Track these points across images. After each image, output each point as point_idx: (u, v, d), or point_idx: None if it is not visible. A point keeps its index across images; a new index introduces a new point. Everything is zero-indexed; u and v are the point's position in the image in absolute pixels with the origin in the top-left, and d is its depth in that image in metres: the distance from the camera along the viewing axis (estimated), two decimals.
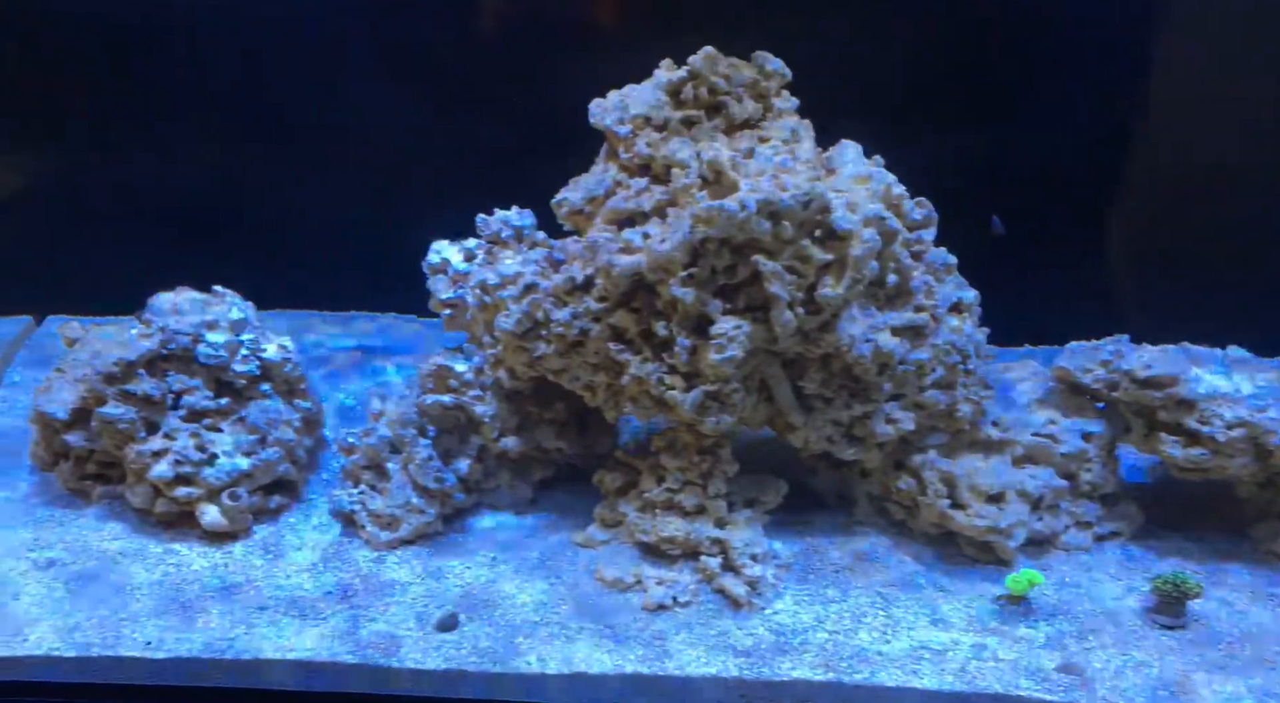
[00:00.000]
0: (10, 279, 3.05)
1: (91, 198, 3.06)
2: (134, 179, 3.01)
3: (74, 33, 2.87)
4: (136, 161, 3.00)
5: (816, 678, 1.95)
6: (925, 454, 2.18)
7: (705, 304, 1.93)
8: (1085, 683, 1.91)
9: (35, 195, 3.09)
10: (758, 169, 1.89)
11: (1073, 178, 2.75)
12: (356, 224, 2.88)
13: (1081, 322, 2.41)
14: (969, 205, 2.61)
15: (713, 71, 1.96)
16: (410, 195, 2.90)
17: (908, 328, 2.07)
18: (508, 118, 2.78)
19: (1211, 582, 2.10)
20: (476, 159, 2.78)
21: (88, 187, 3.05)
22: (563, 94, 2.24)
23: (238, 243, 2.93)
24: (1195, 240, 2.82)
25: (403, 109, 2.86)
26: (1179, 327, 2.38)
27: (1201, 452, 2.04)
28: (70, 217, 3.08)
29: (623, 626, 2.07)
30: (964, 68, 2.62)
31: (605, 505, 2.27)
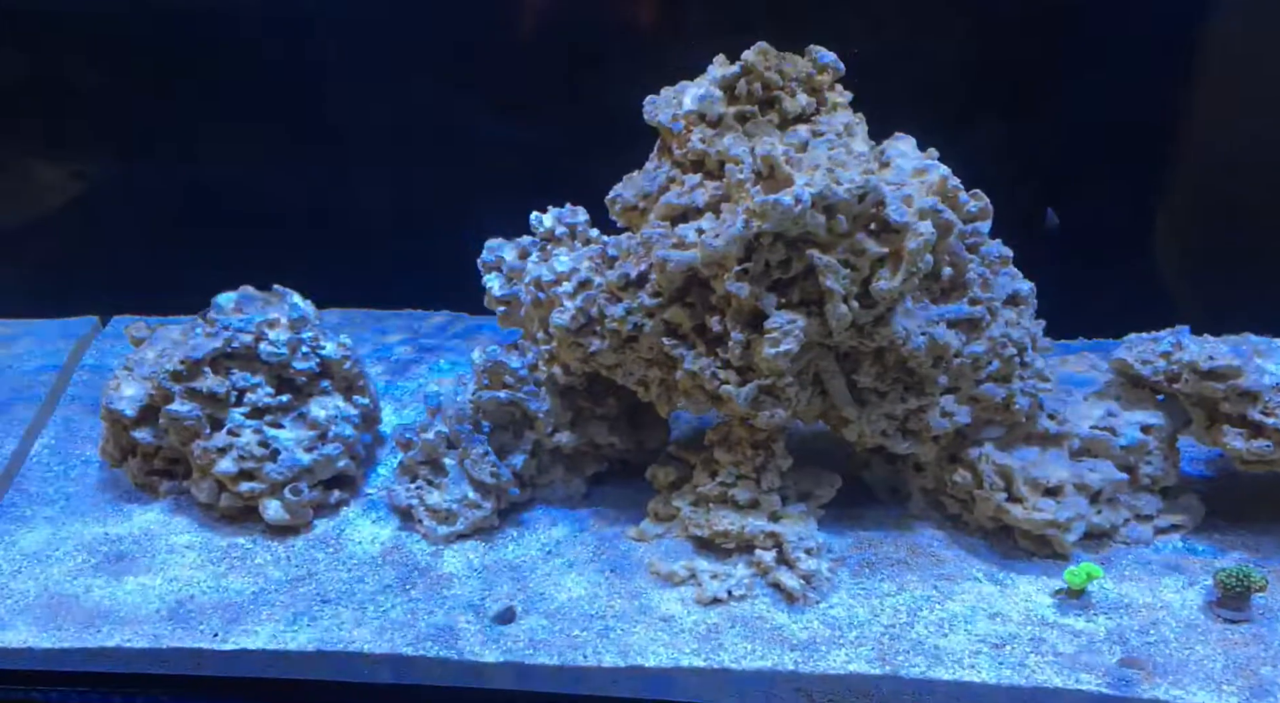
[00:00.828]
0: (76, 281, 3.15)
1: (154, 201, 3.14)
2: (195, 181, 3.09)
3: (134, 39, 2.95)
4: (197, 164, 3.08)
5: (873, 672, 1.96)
6: (981, 447, 2.16)
7: (760, 299, 1.94)
8: (1149, 677, 1.90)
9: (99, 199, 3.17)
10: (811, 163, 1.89)
11: (1129, 169, 2.72)
12: (413, 223, 2.93)
13: (1138, 315, 2.38)
14: (1025, 198, 2.61)
15: (766, 66, 1.97)
16: (465, 194, 2.94)
17: (963, 321, 2.06)
18: (562, 115, 2.81)
19: (1277, 576, 2.07)
20: (531, 157, 2.81)
21: (150, 190, 3.13)
22: (617, 91, 2.26)
23: (297, 242, 2.99)
24: (1252, 231, 2.78)
25: (456, 108, 2.89)
26: (1236, 318, 2.35)
27: (1266, 443, 2.01)
28: (133, 220, 3.17)
29: (677, 619, 2.08)
30: (1019, 60, 2.59)
31: (659, 500, 2.29)
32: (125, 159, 3.10)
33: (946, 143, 2.22)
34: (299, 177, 2.97)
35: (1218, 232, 2.79)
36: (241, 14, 2.83)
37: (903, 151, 1.99)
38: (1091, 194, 2.72)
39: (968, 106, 2.55)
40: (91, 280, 3.12)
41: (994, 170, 2.38)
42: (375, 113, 2.90)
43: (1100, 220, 2.67)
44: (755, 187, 1.88)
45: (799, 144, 1.94)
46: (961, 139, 2.30)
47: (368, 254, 2.95)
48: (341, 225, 2.99)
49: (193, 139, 3.02)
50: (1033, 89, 2.62)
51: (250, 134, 2.99)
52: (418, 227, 2.95)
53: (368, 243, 2.96)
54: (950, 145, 2.22)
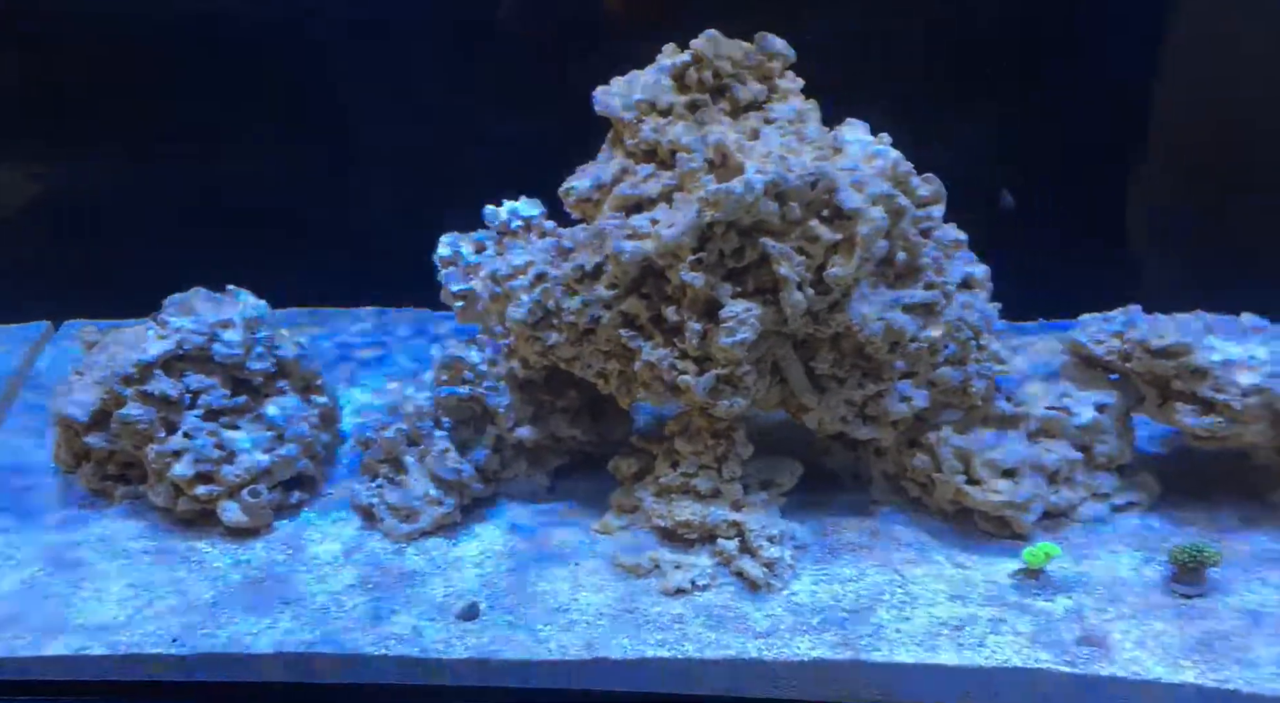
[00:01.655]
0: (28, 285, 3.09)
1: (104, 204, 3.09)
2: (144, 184, 3.04)
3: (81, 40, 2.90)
4: (147, 167, 3.03)
5: (836, 657, 1.97)
6: (940, 431, 2.18)
7: (715, 288, 1.94)
8: (1106, 654, 1.92)
9: (49, 203, 3.12)
10: (763, 151, 1.90)
11: (1084, 153, 2.74)
12: (369, 220, 2.90)
13: (1096, 295, 2.41)
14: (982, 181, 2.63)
15: (716, 54, 1.96)
16: (421, 189, 2.91)
17: (919, 305, 2.07)
18: (518, 108, 2.79)
19: (1231, 549, 2.10)
20: (487, 150, 2.78)
21: (100, 193, 3.08)
22: (572, 83, 2.24)
23: (251, 242, 2.94)
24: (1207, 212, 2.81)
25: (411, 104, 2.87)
26: (1193, 298, 2.38)
27: (1217, 419, 2.04)
28: (86, 223, 3.12)
29: (643, 610, 2.08)
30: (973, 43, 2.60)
31: (622, 492, 2.28)
32: (79, 161, 3.05)
33: (902, 127, 2.23)
34: (251, 176, 2.93)
35: (1172, 212, 2.82)
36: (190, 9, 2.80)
37: (855, 137, 1.99)
38: (1049, 177, 2.74)
39: (923, 90, 2.56)
40: (44, 285, 3.07)
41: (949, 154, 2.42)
42: (326, 110, 2.87)
43: (1057, 202, 2.69)
44: (708, 175, 1.88)
45: (751, 132, 1.94)
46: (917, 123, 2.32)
47: (325, 252, 2.92)
48: (297, 224, 2.96)
49: (146, 140, 2.98)
50: (987, 73, 2.63)
51: (202, 134, 2.95)
52: (376, 223, 2.92)
53: (325, 240, 2.93)
54: (906, 129, 2.23)
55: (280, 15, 2.77)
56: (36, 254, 3.11)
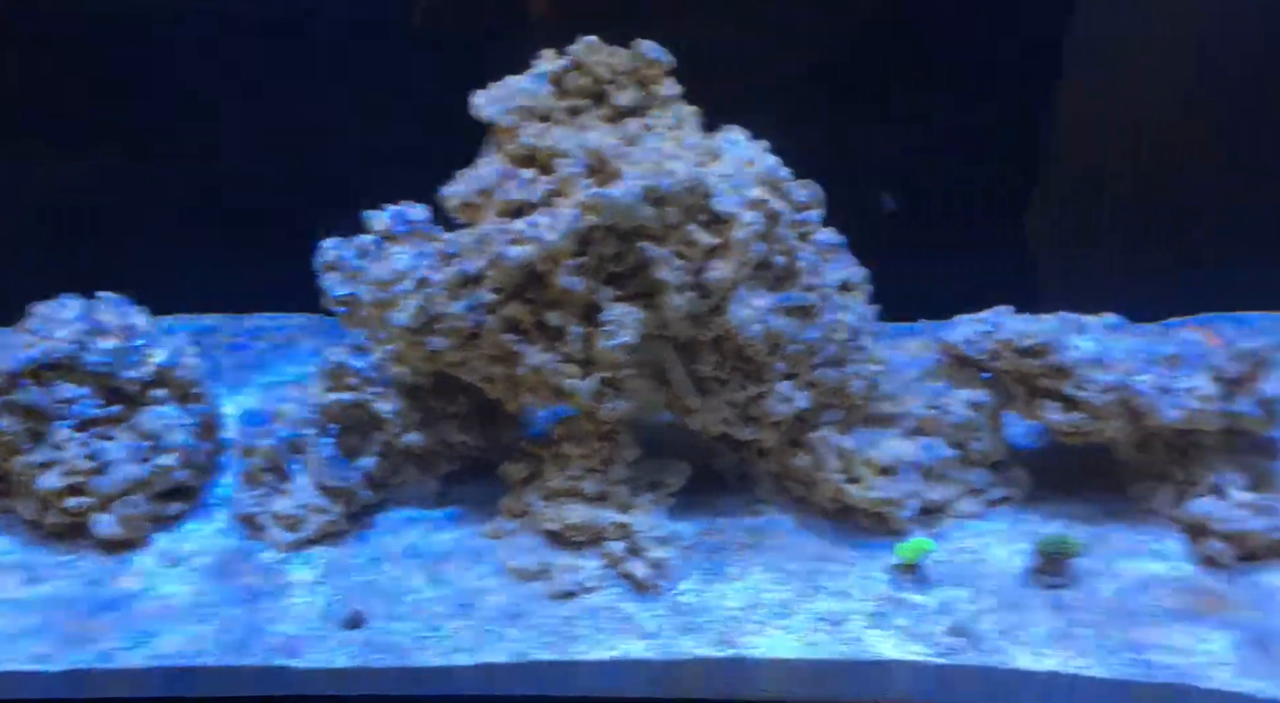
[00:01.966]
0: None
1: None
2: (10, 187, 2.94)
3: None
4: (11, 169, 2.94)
5: (718, 655, 2.01)
6: (821, 431, 2.23)
7: (595, 292, 1.96)
8: (974, 644, 1.99)
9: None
10: (642, 156, 1.92)
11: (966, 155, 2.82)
12: (253, 224, 2.84)
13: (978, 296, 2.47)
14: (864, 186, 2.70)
15: (594, 60, 1.98)
16: (308, 194, 2.86)
17: (798, 308, 2.11)
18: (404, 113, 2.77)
19: (1095, 540, 2.18)
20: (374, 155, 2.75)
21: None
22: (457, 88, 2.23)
23: (129, 248, 2.86)
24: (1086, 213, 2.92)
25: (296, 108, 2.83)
26: (1071, 297, 2.46)
27: (1079, 416, 2.13)
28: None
29: (531, 614, 2.09)
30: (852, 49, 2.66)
31: (511, 496, 2.28)
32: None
33: (782, 133, 2.29)
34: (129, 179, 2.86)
35: (1052, 214, 2.92)
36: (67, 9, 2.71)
37: (734, 142, 2.03)
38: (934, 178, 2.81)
39: (806, 96, 2.61)
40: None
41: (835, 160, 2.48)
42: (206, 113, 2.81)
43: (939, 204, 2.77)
44: (586, 180, 1.90)
45: (629, 137, 1.97)
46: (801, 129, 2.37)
47: (208, 257, 2.84)
48: (178, 229, 2.89)
49: (9, 143, 2.89)
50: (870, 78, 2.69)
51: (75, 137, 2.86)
52: (261, 227, 2.87)
53: (207, 245, 2.86)
54: (793, 133, 2.29)
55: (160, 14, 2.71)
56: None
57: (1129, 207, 2.84)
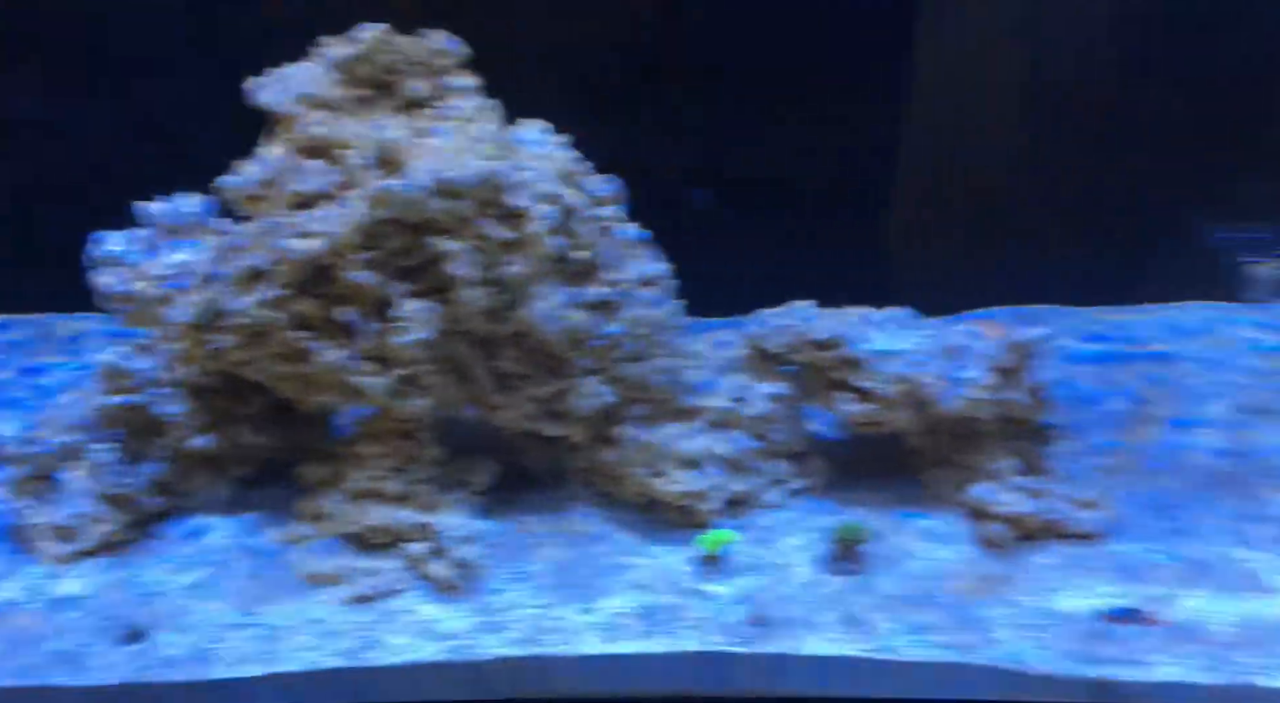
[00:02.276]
0: None
1: None
2: None
3: None
4: None
5: (520, 654, 1.99)
6: (626, 426, 2.25)
7: (387, 287, 1.90)
8: (771, 632, 2.03)
9: None
10: (434, 148, 1.88)
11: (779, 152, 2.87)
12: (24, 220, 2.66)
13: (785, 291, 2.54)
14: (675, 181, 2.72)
15: (383, 49, 1.93)
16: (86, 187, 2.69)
17: (599, 303, 2.11)
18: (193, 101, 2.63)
19: (887, 526, 2.26)
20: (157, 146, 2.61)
21: None
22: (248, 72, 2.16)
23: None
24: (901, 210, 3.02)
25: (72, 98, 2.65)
26: (882, 293, 2.55)
27: (870, 407, 2.21)
28: None
29: (326, 621, 2.02)
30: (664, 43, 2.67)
31: (309, 499, 2.20)
32: None
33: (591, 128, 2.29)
34: None
35: (865, 209, 3.00)
36: None
37: (531, 137, 2.01)
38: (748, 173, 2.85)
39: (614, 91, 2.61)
40: None
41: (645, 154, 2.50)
42: None
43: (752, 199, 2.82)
44: (375, 172, 1.85)
45: (421, 129, 1.92)
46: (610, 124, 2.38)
47: None
48: None
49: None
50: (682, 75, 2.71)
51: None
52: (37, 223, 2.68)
53: None
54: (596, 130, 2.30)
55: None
56: None
57: (966, 207, 2.97)
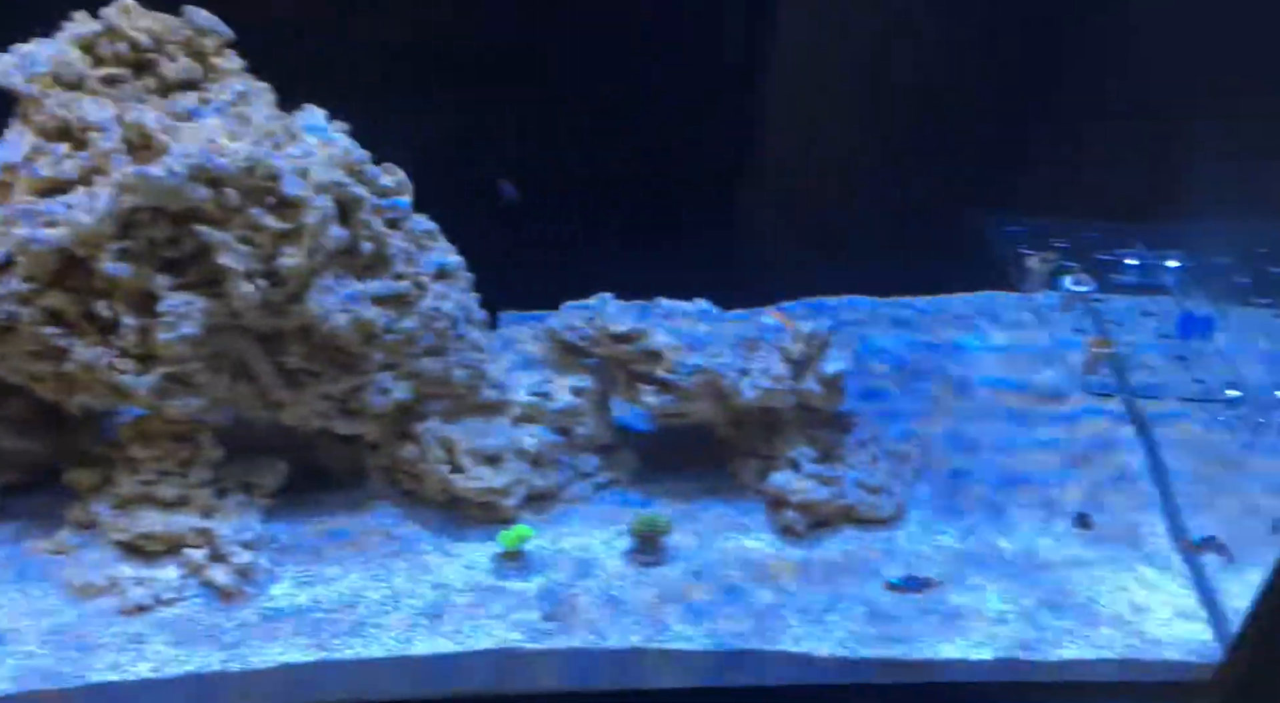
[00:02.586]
0: None
1: None
2: None
3: None
4: None
5: (305, 659, 1.91)
6: (427, 422, 2.19)
7: (148, 279, 1.79)
8: (569, 627, 2.02)
9: None
10: (196, 133, 1.78)
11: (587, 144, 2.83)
12: None
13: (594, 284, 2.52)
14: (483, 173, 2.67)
15: (132, 27, 1.81)
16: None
17: (390, 297, 2.04)
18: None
19: (693, 517, 2.27)
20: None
21: None
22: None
23: None
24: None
25: None
26: (699, 285, 2.58)
27: (671, 398, 2.21)
28: None
29: (94, 634, 1.90)
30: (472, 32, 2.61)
31: (79, 506, 2.06)
32: None
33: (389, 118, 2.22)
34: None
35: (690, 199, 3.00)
36: None
37: (311, 124, 1.93)
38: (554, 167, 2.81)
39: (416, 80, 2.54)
40: None
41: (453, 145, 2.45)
42: None
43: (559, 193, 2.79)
44: (124, 157, 1.74)
45: (183, 113, 1.82)
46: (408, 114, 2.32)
47: None
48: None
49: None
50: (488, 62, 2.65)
51: None
52: None
53: None
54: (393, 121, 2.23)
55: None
56: None
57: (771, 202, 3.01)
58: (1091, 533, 2.24)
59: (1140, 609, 2.09)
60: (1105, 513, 2.32)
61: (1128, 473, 2.43)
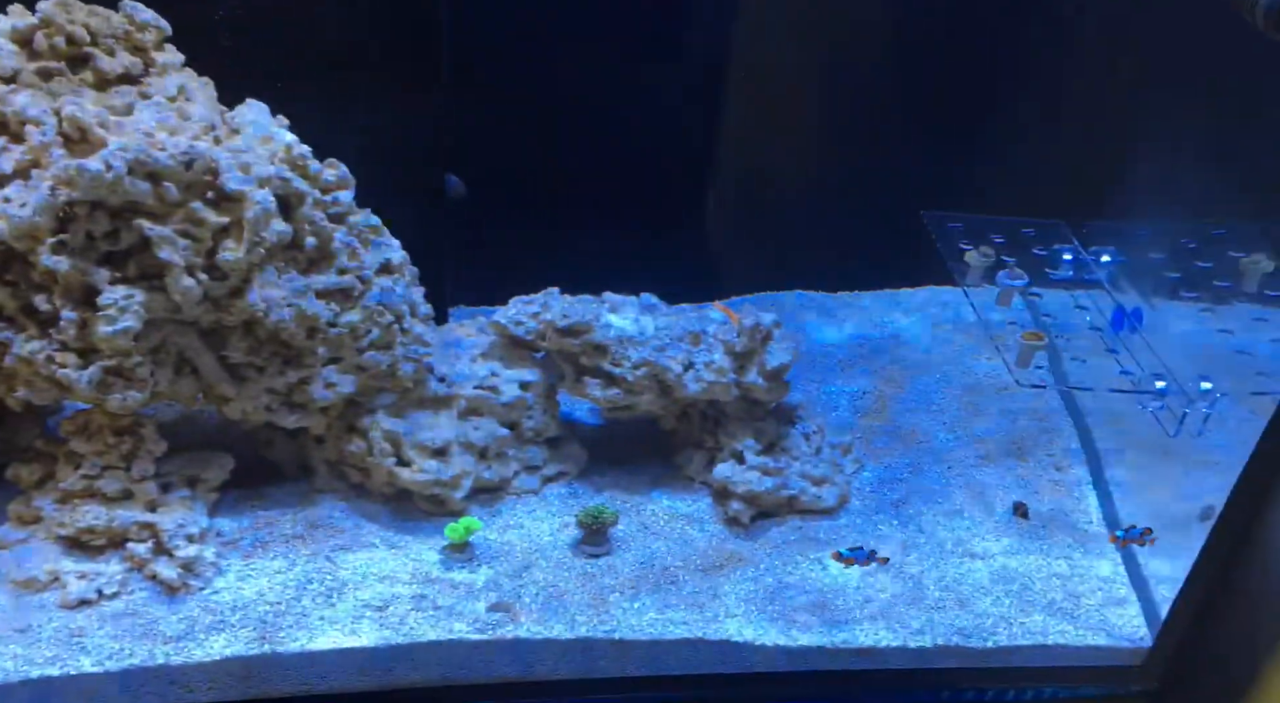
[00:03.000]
0: None
1: None
2: None
3: None
4: None
5: (249, 652, 1.91)
6: (374, 415, 2.20)
7: (87, 273, 1.79)
8: (514, 618, 2.04)
9: None
10: (135, 127, 1.77)
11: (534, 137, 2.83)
12: None
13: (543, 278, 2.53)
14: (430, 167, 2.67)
15: (69, 19, 1.80)
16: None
17: (334, 291, 2.04)
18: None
19: (639, 508, 2.30)
20: None
21: None
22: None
23: None
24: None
25: None
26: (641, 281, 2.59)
27: (617, 391, 2.23)
28: None
29: (35, 628, 1.90)
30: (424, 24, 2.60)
31: (21, 501, 2.05)
32: None
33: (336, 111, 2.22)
34: None
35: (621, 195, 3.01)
36: None
37: (253, 119, 1.92)
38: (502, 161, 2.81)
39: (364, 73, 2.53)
40: None
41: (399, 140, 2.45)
42: None
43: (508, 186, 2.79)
44: (59, 150, 1.73)
45: (121, 107, 1.81)
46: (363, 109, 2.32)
47: None
48: None
49: None
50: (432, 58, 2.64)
51: None
52: None
53: None
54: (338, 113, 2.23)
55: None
56: None
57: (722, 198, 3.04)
58: (1027, 522, 2.30)
59: (1073, 596, 2.16)
60: (1042, 502, 2.41)
61: (1062, 462, 2.52)
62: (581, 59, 2.70)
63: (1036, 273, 2.27)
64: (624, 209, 2.74)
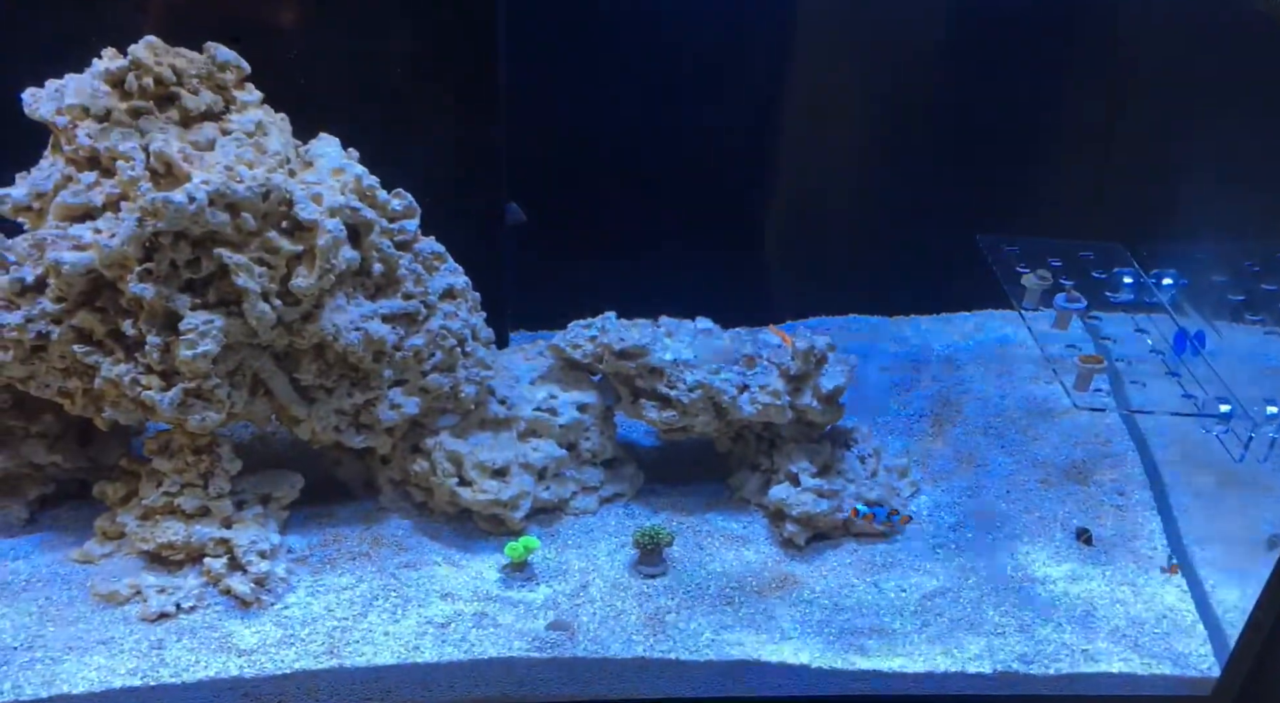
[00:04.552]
0: None
1: None
2: None
3: None
4: None
5: (318, 666, 1.98)
6: (437, 436, 2.27)
7: (171, 300, 1.89)
8: (572, 637, 2.08)
9: None
10: (216, 161, 1.87)
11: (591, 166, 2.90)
12: None
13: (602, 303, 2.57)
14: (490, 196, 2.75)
15: (157, 61, 1.91)
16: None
17: (400, 315, 2.13)
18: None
19: (694, 529, 2.33)
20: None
21: None
22: None
23: None
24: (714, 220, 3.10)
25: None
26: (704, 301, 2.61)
27: (672, 413, 2.27)
28: None
29: (118, 640, 1.99)
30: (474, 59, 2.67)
31: (106, 517, 2.16)
32: None
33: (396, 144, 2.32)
34: None
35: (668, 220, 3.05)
36: None
37: (326, 152, 2.02)
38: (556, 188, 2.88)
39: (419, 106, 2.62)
40: None
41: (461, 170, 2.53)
42: None
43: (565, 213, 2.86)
44: (147, 184, 1.83)
45: (204, 142, 1.91)
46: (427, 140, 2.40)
47: None
48: None
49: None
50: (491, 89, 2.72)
51: None
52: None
53: None
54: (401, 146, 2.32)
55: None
56: None
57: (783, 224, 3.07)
58: (1090, 547, 2.27)
59: (1137, 623, 2.13)
60: (1104, 527, 2.37)
61: (1125, 487, 2.49)
62: (637, 88, 2.77)
63: (1095, 296, 2.25)
64: (680, 235, 2.79)
